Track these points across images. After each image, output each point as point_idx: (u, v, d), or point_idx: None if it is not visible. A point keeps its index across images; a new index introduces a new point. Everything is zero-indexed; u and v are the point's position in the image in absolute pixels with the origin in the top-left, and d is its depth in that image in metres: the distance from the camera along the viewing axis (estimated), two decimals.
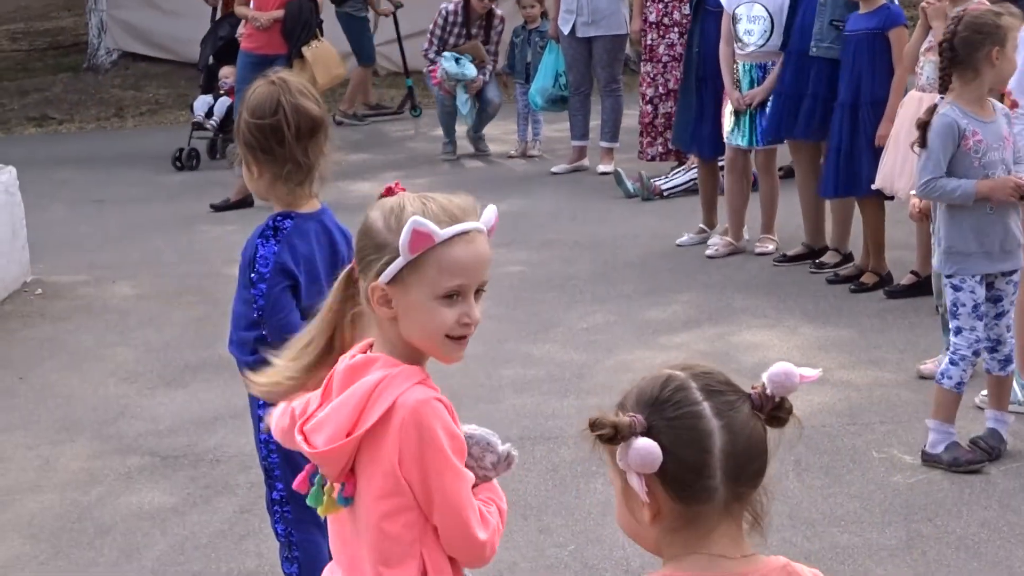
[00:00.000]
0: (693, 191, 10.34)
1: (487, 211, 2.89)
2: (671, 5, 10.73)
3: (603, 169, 11.74)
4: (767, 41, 8.86)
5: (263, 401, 4.18)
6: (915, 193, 6.01)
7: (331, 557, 3.02)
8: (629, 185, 10.94)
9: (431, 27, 12.95)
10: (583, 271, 9.04)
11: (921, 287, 7.62)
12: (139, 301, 8.83)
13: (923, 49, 7.40)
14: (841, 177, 8.14)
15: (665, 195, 10.81)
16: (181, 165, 12.99)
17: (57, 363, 7.64)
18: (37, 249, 9.37)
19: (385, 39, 17.95)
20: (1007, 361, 5.78)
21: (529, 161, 12.79)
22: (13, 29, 22.21)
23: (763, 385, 2.24)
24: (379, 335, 2.87)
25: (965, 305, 5.73)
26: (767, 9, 8.82)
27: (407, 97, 15.36)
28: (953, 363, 5.71)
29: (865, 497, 5.51)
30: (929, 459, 5.73)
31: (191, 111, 13.33)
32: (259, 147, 4.09)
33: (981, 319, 5.72)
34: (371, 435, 2.79)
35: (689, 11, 9.95)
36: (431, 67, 12.76)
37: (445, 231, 2.76)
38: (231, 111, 12.50)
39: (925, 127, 5.68)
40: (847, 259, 8.55)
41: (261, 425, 4.22)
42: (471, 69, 12.53)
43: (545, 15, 12.63)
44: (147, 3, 18.50)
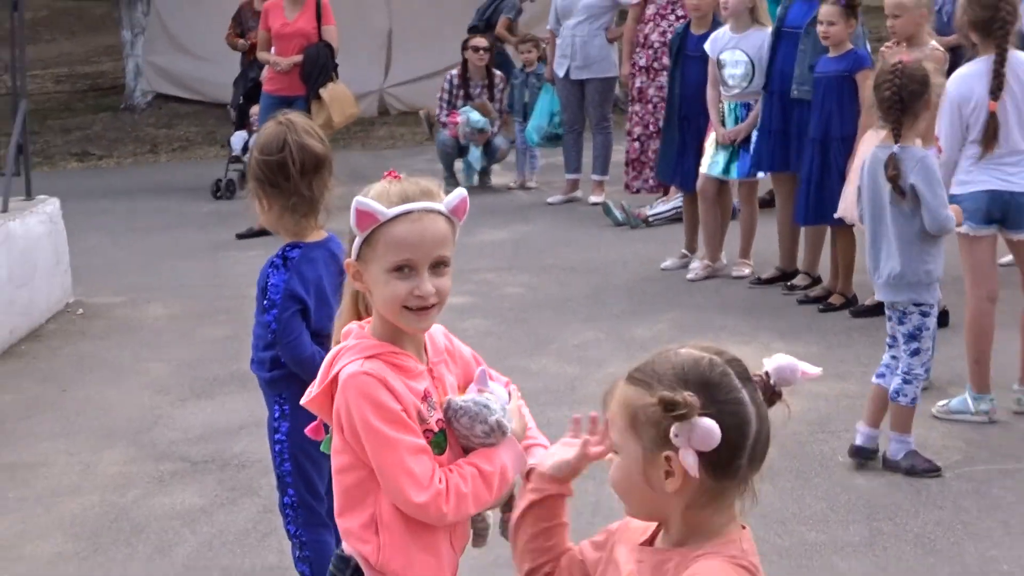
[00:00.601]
0: (676, 219, 10.37)
1: (452, 194, 2.88)
2: (660, 51, 10.75)
3: (594, 200, 11.73)
4: (749, 83, 8.89)
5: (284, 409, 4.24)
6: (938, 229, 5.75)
7: None
8: (617, 214, 10.95)
9: (439, 93, 13.10)
10: (576, 293, 9.05)
11: (883, 308, 7.62)
12: (171, 321, 8.85)
13: None
14: (812, 206, 8.17)
15: (650, 223, 10.84)
16: (220, 194, 12.97)
17: (97, 377, 7.67)
18: (78, 273, 9.39)
19: (397, 81, 18.04)
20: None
21: (527, 192, 12.79)
22: (57, 72, 22.22)
23: (767, 374, 2.28)
24: (373, 309, 2.92)
25: (929, 329, 5.75)
26: (748, 55, 8.87)
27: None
28: (907, 382, 5.72)
29: (831, 498, 5.54)
30: (889, 465, 5.76)
31: (229, 146, 13.31)
32: (267, 181, 4.13)
33: (933, 340, 5.78)
34: (325, 398, 2.85)
35: (670, 57, 9.96)
36: (448, 118, 12.80)
37: (390, 211, 2.79)
38: None
39: (895, 179, 5.63)
40: (816, 282, 8.58)
41: (276, 436, 4.27)
42: (481, 120, 12.66)
43: (542, 59, 12.68)
44: (178, 49, 18.51)
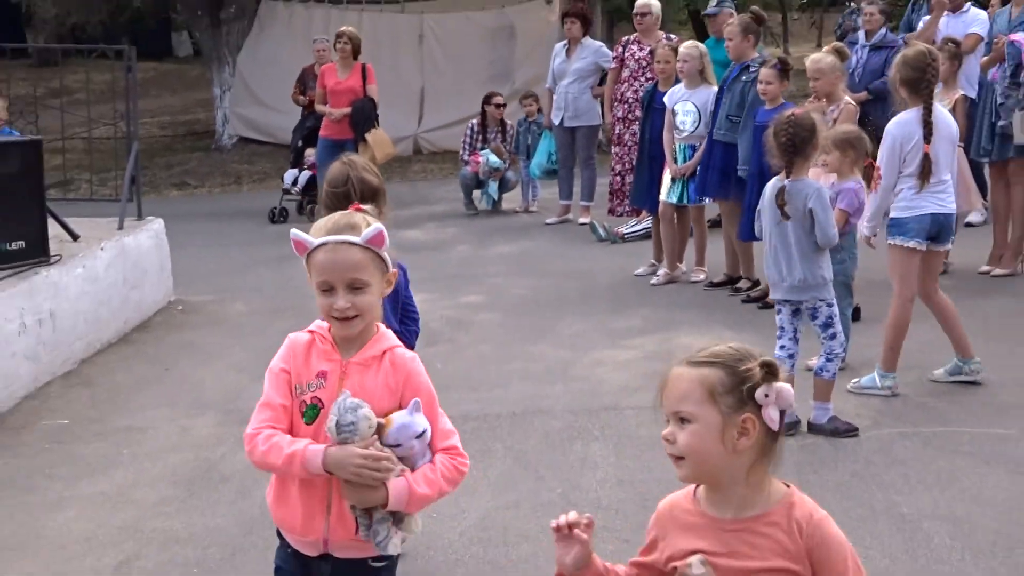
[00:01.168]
0: (646, 236, 10.36)
1: (369, 228, 2.75)
2: (633, 105, 10.74)
3: (582, 221, 11.71)
4: (696, 128, 8.90)
5: None
6: (826, 243, 5.78)
7: None
8: (600, 232, 10.94)
9: (463, 138, 13.18)
10: (568, 293, 9.02)
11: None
12: (250, 315, 8.85)
13: None
14: (753, 226, 8.15)
15: (625, 239, 10.83)
16: (275, 219, 12.93)
17: (192, 359, 7.67)
18: (178, 278, 9.39)
19: (428, 127, 18.06)
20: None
21: (529, 215, 12.76)
22: (161, 120, 22.28)
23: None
24: None
25: (836, 316, 5.77)
26: (696, 106, 8.90)
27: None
28: (829, 360, 5.72)
29: None
30: (814, 429, 5.74)
31: (282, 181, 13.32)
32: (335, 209, 4.11)
33: (843, 325, 5.82)
34: None
35: (641, 109, 10.00)
36: (470, 158, 12.86)
37: (315, 241, 2.74)
38: (310, 181, 12.56)
39: (783, 206, 5.68)
40: (755, 284, 8.56)
41: None
42: (498, 161, 12.74)
43: (540, 111, 12.72)
44: (256, 102, 18.58)
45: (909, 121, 6.08)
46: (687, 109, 8.97)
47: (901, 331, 6.19)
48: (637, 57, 10.95)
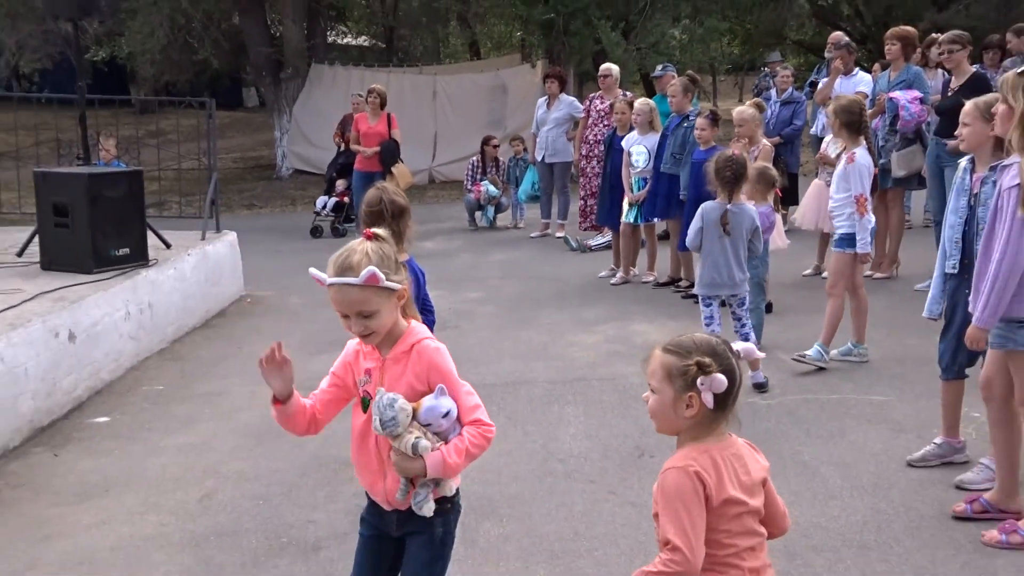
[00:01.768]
0: (607, 248, 10.36)
1: (364, 272, 2.51)
2: (596, 148, 10.72)
3: (559, 235, 11.69)
4: (646, 165, 8.90)
5: None
6: (756, 252, 5.96)
7: None
8: (573, 244, 10.93)
9: (467, 171, 13.20)
10: (548, 291, 9.00)
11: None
12: (303, 307, 8.79)
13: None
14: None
15: (592, 250, 10.82)
16: (314, 235, 12.77)
17: (259, 340, 7.61)
18: (247, 277, 9.34)
19: (440, 162, 18.04)
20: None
21: (518, 230, 12.71)
22: (234, 156, 22.20)
23: (737, 352, 2.28)
24: None
25: (754, 303, 5.79)
26: (647, 148, 8.90)
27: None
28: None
29: None
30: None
31: (315, 204, 13.19)
32: (372, 224, 4.09)
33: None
34: None
35: (603, 149, 9.99)
36: (473, 187, 12.89)
37: (327, 280, 2.55)
38: (336, 206, 12.56)
39: (726, 225, 5.70)
40: (692, 284, 8.56)
41: None
42: (495, 190, 12.72)
43: (526, 150, 12.69)
44: (307, 142, 18.53)
45: (866, 154, 6.04)
46: (640, 150, 8.97)
47: (837, 318, 6.07)
48: (599, 109, 10.92)
